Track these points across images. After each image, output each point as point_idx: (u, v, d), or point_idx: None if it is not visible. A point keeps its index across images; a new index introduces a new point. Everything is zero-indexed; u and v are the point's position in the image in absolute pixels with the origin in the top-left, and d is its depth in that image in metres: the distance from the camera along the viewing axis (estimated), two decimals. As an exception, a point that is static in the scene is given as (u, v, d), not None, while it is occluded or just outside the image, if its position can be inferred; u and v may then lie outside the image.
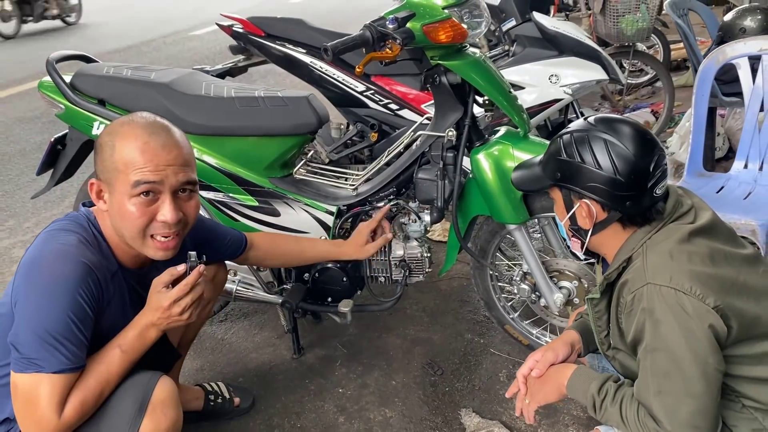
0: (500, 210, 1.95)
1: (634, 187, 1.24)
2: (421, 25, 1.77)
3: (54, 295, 1.24)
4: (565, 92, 2.62)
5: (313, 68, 2.86)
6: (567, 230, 1.39)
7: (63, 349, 1.24)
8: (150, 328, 1.37)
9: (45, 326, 1.23)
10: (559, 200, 1.37)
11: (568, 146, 1.30)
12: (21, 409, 1.25)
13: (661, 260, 1.21)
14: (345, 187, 2.19)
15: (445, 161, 1.96)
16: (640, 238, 1.28)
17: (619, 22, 3.65)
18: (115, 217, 1.35)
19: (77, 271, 1.27)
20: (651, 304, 1.18)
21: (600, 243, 1.35)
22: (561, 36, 2.64)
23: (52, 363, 1.23)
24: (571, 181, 1.30)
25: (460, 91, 1.93)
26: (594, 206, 1.29)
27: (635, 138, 1.25)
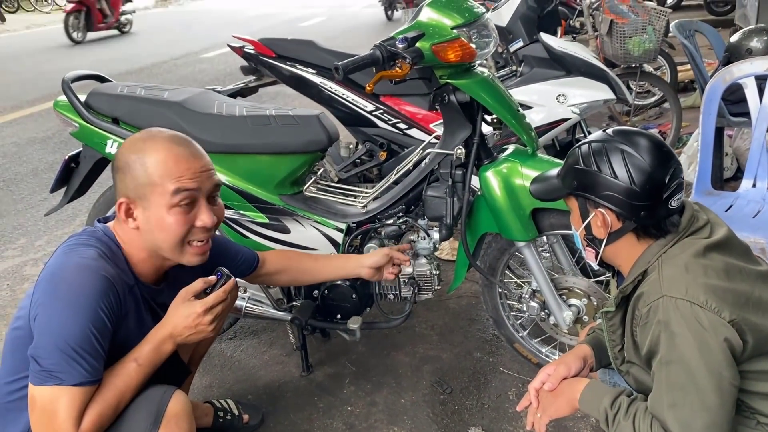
0: (509, 227, 1.96)
1: (650, 198, 1.25)
2: (430, 45, 1.80)
3: (76, 308, 1.25)
4: (573, 112, 2.64)
5: (323, 88, 2.90)
6: (582, 240, 1.40)
7: (83, 362, 1.24)
8: (167, 341, 1.38)
9: (66, 339, 1.23)
10: (575, 210, 1.38)
11: (585, 156, 1.31)
12: (38, 421, 1.26)
13: (676, 273, 1.22)
14: (354, 204, 2.20)
15: (454, 179, 1.98)
16: (655, 252, 1.29)
17: (626, 44, 3.68)
18: (151, 231, 1.36)
19: (98, 284, 1.28)
20: (666, 316, 1.18)
21: (615, 254, 1.36)
22: (568, 56, 2.67)
23: (72, 375, 1.23)
24: (588, 190, 1.31)
25: (468, 110, 1.95)
26: (609, 215, 1.30)
27: (652, 150, 1.27)
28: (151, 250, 1.41)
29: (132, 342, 1.38)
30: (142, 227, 1.37)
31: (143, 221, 1.37)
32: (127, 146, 1.41)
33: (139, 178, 1.35)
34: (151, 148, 1.36)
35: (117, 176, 1.39)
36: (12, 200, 4.06)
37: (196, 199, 1.38)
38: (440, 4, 1.88)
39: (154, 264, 1.43)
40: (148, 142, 1.38)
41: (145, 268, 1.43)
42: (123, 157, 1.38)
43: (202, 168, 1.39)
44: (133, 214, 1.37)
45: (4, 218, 3.78)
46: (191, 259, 1.41)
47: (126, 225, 1.39)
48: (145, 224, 1.37)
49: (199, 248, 1.41)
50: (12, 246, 3.42)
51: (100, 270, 1.30)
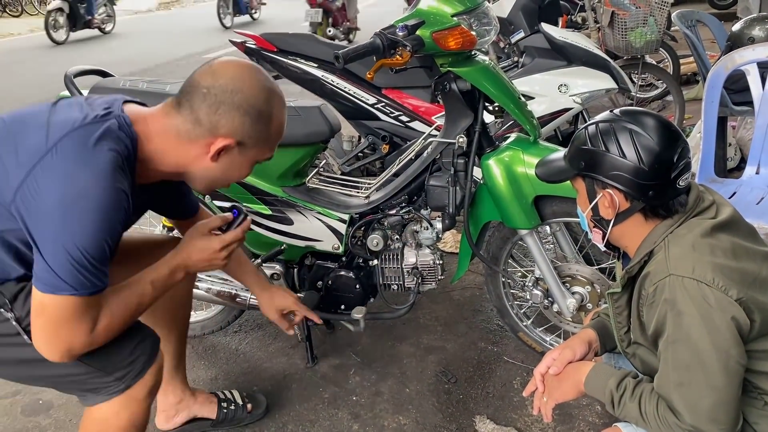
0: (511, 215, 1.96)
1: (658, 177, 1.25)
2: (430, 33, 1.80)
3: (95, 223, 1.20)
4: (575, 101, 2.64)
5: (325, 82, 2.91)
6: (589, 221, 1.40)
7: (98, 272, 1.23)
8: (180, 269, 1.44)
9: (83, 252, 1.20)
10: (582, 191, 1.37)
11: (593, 136, 1.31)
12: (49, 328, 1.24)
13: (683, 252, 1.22)
14: (357, 195, 2.21)
15: (456, 168, 1.98)
16: (662, 232, 1.28)
17: (628, 35, 3.68)
18: (224, 170, 1.36)
19: (116, 198, 1.23)
20: (673, 295, 1.18)
21: (621, 234, 1.35)
22: (570, 46, 2.67)
23: (86, 286, 1.23)
24: (595, 170, 1.30)
25: (470, 98, 1.95)
26: (617, 196, 1.30)
27: (660, 129, 1.26)
28: (192, 174, 1.37)
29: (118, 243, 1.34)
30: (219, 166, 1.34)
31: (227, 162, 1.35)
32: (261, 87, 1.32)
33: (262, 131, 1.34)
34: (277, 107, 1.36)
35: (239, 116, 1.29)
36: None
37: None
38: (440, -9, 1.88)
39: (164, 175, 1.38)
40: (276, 99, 1.36)
41: (151, 176, 1.37)
42: (255, 100, 1.30)
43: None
44: (223, 153, 1.32)
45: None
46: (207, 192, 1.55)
47: (206, 154, 1.32)
48: (225, 164, 1.35)
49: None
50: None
51: (117, 183, 1.23)
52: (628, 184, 1.27)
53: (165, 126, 1.32)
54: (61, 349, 1.26)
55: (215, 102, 1.28)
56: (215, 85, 1.29)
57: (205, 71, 1.32)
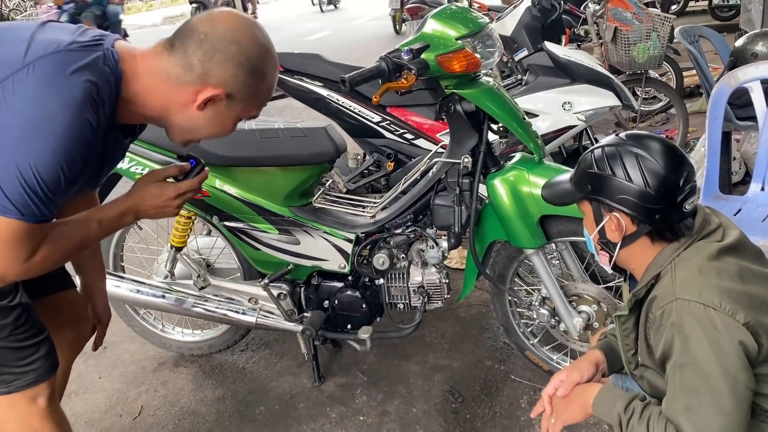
0: (517, 235, 1.97)
1: (664, 201, 1.26)
2: (435, 56, 1.82)
3: (55, 150, 1.14)
4: (579, 119, 2.65)
5: (330, 101, 2.93)
6: (595, 244, 1.41)
7: (49, 203, 1.18)
8: (130, 213, 1.39)
9: (38, 178, 1.14)
10: (589, 214, 1.39)
11: (599, 160, 1.32)
12: None
13: (690, 276, 1.22)
14: (363, 214, 2.22)
15: (462, 187, 1.99)
16: (668, 255, 1.29)
17: (631, 51, 3.70)
18: (210, 123, 1.31)
19: (81, 130, 1.16)
20: (680, 319, 1.19)
21: (628, 257, 1.36)
22: (573, 64, 2.69)
23: (35, 214, 1.17)
24: (602, 193, 1.32)
25: (474, 119, 1.96)
26: (623, 219, 1.31)
27: (665, 153, 1.27)
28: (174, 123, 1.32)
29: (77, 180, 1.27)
30: (206, 115, 1.29)
31: (213, 112, 1.29)
32: (257, 43, 1.27)
33: (253, 86, 1.28)
34: (272, 65, 1.30)
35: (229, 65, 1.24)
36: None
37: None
38: (445, 15, 1.90)
39: (144, 118, 1.33)
40: (270, 57, 1.30)
41: (132, 118, 1.32)
42: (250, 55, 1.25)
43: None
44: (210, 103, 1.27)
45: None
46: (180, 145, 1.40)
47: (192, 103, 1.26)
48: (211, 115, 1.29)
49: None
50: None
51: (86, 114, 1.17)
52: (634, 207, 1.28)
53: (154, 67, 1.26)
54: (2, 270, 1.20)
55: (211, 50, 1.23)
56: (213, 33, 1.24)
57: (205, 18, 1.27)
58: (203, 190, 2.12)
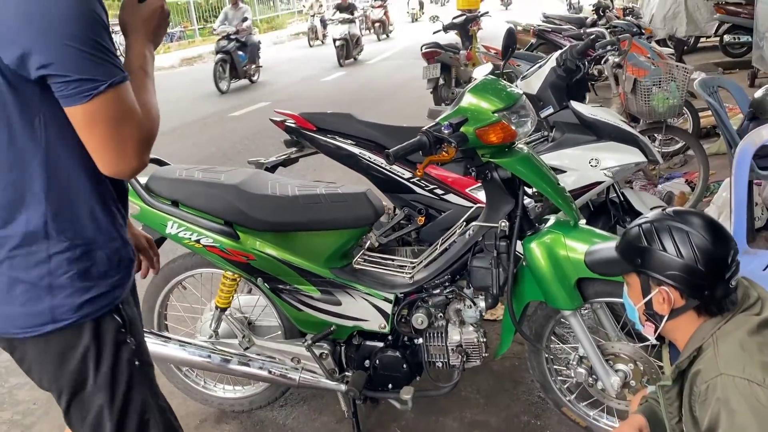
0: (555, 296, 2.03)
1: (713, 277, 1.33)
2: (474, 129, 1.91)
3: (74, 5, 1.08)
4: (606, 175, 2.73)
5: (362, 158, 3.03)
6: (641, 314, 1.46)
7: (114, 56, 1.13)
8: (150, 46, 1.31)
9: (87, 38, 1.08)
10: (636, 285, 1.44)
11: (649, 234, 1.39)
12: (107, 135, 1.13)
13: (733, 351, 1.28)
14: (402, 275, 2.29)
15: (499, 250, 2.06)
16: (710, 329, 1.35)
17: (651, 100, 3.79)
18: None
19: None
20: (725, 394, 1.24)
21: (673, 329, 1.42)
22: (599, 122, 2.78)
23: (115, 72, 1.12)
24: (652, 267, 1.38)
25: (510, 185, 2.05)
26: (672, 293, 1.37)
27: (713, 231, 1.35)
28: None
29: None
30: None
31: None
32: None
33: None
34: None
35: None
36: None
37: None
38: (481, 89, 2.00)
39: None
40: None
41: None
42: None
43: None
44: None
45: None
46: None
47: None
48: None
49: None
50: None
51: None
52: (684, 283, 1.35)
53: None
54: (132, 149, 1.15)
55: None
56: None
57: None
58: (249, 254, 2.21)
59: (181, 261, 2.45)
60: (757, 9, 7.55)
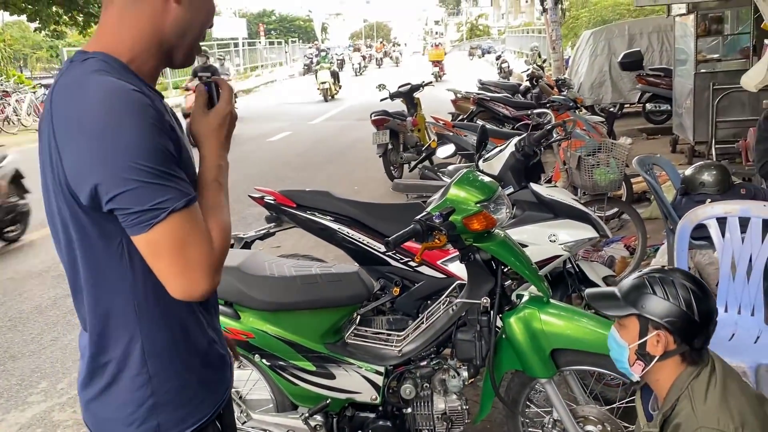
0: (532, 366, 2.26)
1: (703, 328, 1.58)
2: (461, 218, 2.16)
3: (125, 132, 1.06)
4: (563, 249, 3.03)
5: (339, 232, 3.23)
6: (632, 354, 1.67)
7: (176, 179, 1.11)
8: (224, 154, 1.28)
9: (140, 166, 1.06)
10: (633, 327, 1.65)
11: (655, 285, 1.63)
12: (173, 261, 1.11)
13: (707, 406, 1.52)
14: (391, 347, 2.48)
15: (481, 324, 2.29)
16: (685, 380, 1.59)
17: (593, 175, 4.18)
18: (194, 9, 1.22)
19: (129, 97, 1.09)
20: None
21: (657, 370, 1.64)
22: (555, 202, 3.10)
23: (177, 196, 1.10)
24: (654, 312, 1.61)
25: (490, 265, 2.29)
26: (667, 337, 1.60)
27: (704, 289, 1.62)
28: (168, 39, 1.22)
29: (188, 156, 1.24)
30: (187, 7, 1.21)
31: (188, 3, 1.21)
32: None
33: None
34: None
35: None
36: (23, 340, 4.16)
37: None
38: (464, 183, 2.26)
39: (157, 63, 1.24)
40: None
41: (150, 69, 1.23)
42: None
43: None
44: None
45: (20, 361, 3.88)
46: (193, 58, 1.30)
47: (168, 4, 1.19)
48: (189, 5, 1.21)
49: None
50: (34, 391, 3.52)
51: (121, 85, 1.10)
52: (680, 329, 1.59)
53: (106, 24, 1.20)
54: (200, 273, 1.13)
55: None
56: None
57: None
58: (249, 332, 2.35)
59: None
60: (675, 81, 8.34)
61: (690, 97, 7.49)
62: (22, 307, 4.73)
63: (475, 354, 2.28)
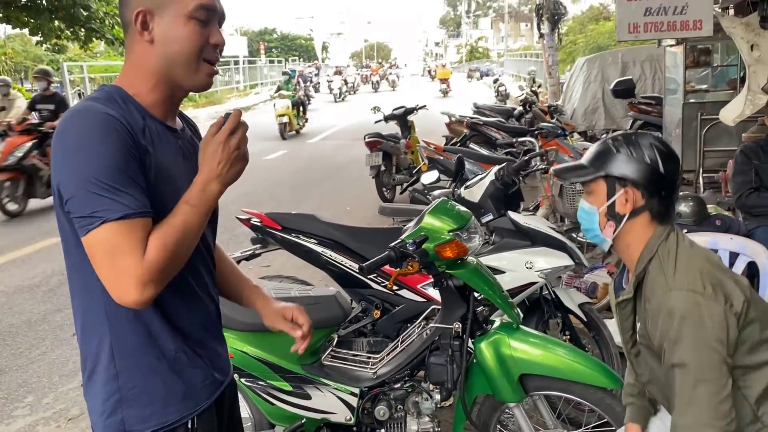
0: (501, 390, 2.33)
1: (668, 182, 1.61)
2: (434, 246, 2.25)
3: (87, 148, 1.22)
4: (539, 276, 3.11)
5: (323, 255, 3.32)
6: (602, 217, 1.67)
7: (119, 194, 1.22)
8: (210, 181, 1.32)
9: (89, 178, 1.21)
10: (600, 190, 1.66)
11: (619, 145, 1.65)
12: (104, 267, 1.23)
13: (678, 269, 1.55)
14: (366, 369, 2.55)
15: (453, 349, 2.37)
16: (655, 243, 1.61)
17: (576, 203, 4.28)
18: (167, 43, 1.34)
19: (101, 119, 1.25)
20: (673, 306, 1.51)
21: (628, 231, 1.64)
22: (532, 230, 3.19)
23: (114, 208, 1.21)
24: (619, 170, 1.62)
25: (462, 291, 2.38)
26: (635, 193, 1.61)
27: (667, 147, 1.65)
28: (162, 72, 1.36)
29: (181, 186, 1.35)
30: (157, 40, 1.34)
31: (159, 33, 1.33)
32: None
33: None
34: None
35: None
36: (11, 354, 4.21)
37: (211, 19, 1.38)
38: (438, 211, 2.35)
39: (163, 93, 1.38)
40: None
41: (155, 99, 1.38)
42: None
43: None
44: (149, 25, 1.33)
45: (7, 375, 3.93)
46: (203, 79, 1.39)
47: (141, 38, 1.34)
48: (160, 36, 1.33)
49: (211, 69, 1.40)
50: (20, 405, 3.57)
51: (99, 109, 1.27)
52: (647, 182, 1.60)
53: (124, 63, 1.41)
54: (127, 282, 1.21)
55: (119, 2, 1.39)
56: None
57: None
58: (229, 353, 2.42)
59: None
60: (665, 110, 8.49)
61: (679, 126, 7.63)
62: (11, 320, 4.78)
63: (447, 377, 2.35)
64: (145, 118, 1.35)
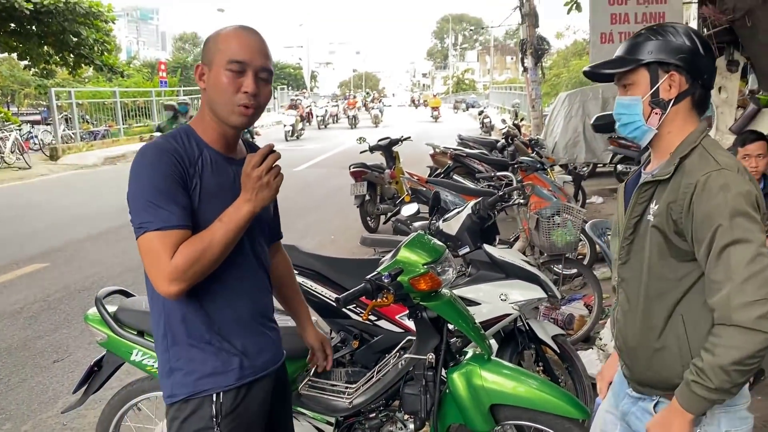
0: (473, 420, 2.40)
1: (709, 63, 1.63)
2: (408, 279, 2.34)
3: (142, 174, 1.64)
4: (513, 308, 3.21)
5: (303, 286, 3.38)
6: (646, 106, 1.64)
7: (160, 210, 1.60)
8: (244, 203, 1.65)
9: (141, 197, 1.61)
10: (642, 80, 1.65)
11: (656, 33, 1.65)
12: (146, 265, 1.63)
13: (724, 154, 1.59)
14: (342, 399, 2.62)
15: (427, 379, 2.44)
16: (698, 135, 1.63)
17: (551, 236, 4.40)
18: (212, 88, 1.71)
19: (157, 151, 1.66)
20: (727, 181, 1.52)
21: (672, 120, 1.65)
22: (506, 264, 3.29)
23: (154, 222, 1.59)
24: (663, 52, 1.61)
25: (436, 323, 2.46)
26: (679, 78, 1.62)
27: (699, 33, 1.70)
28: (212, 112, 1.74)
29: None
30: (207, 87, 1.72)
31: (208, 82, 1.72)
32: (214, 35, 1.76)
33: (211, 48, 1.72)
34: (226, 31, 1.75)
35: (202, 50, 1.77)
36: (-10, 381, 4.21)
37: (245, 70, 1.69)
38: (413, 245, 2.45)
39: (217, 130, 1.76)
40: (227, 29, 1.76)
41: (214, 135, 1.76)
42: (208, 36, 1.77)
43: (255, 50, 1.71)
44: (203, 76, 1.73)
45: (-15, 401, 3.93)
46: (237, 119, 1.71)
47: (201, 86, 1.75)
48: (209, 84, 1.71)
49: (244, 111, 1.70)
50: (-3, 432, 3.58)
51: (159, 144, 1.69)
52: (690, 65, 1.61)
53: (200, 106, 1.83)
54: (162, 278, 1.59)
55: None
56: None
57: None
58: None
59: (138, 384, 2.67)
60: (642, 146, 8.70)
61: (655, 161, 7.81)
62: (-9, 347, 4.77)
63: (421, 407, 2.42)
64: (203, 150, 1.74)
